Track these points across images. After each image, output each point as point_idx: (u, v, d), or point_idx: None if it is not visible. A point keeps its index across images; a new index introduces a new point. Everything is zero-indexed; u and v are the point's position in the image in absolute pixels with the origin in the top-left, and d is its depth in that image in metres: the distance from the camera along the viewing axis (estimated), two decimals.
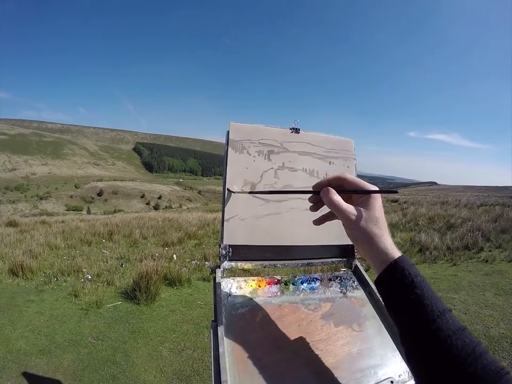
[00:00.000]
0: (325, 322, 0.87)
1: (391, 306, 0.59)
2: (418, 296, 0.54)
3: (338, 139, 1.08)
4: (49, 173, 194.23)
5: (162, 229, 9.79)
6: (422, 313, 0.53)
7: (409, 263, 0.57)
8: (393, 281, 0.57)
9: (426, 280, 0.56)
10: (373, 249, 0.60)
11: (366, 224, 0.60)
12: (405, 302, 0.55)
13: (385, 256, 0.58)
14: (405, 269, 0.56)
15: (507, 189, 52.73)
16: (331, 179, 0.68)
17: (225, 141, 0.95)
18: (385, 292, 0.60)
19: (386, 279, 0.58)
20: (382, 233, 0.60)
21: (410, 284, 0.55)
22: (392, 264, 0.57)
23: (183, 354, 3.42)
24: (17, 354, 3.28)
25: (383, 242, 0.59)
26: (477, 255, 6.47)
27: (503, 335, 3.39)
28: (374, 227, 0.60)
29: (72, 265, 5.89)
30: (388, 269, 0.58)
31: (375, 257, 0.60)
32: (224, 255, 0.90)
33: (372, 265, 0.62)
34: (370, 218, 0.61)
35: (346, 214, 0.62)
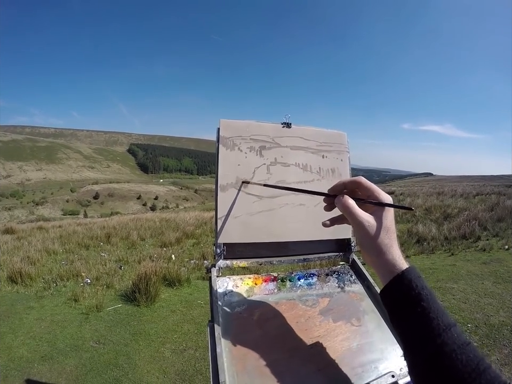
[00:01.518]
0: (324, 318, 0.86)
1: (396, 318, 0.58)
2: (424, 309, 0.53)
3: (331, 132, 1.07)
4: (44, 178, 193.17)
5: (159, 229, 9.77)
6: (428, 326, 0.52)
7: (417, 275, 0.57)
8: (400, 293, 0.56)
9: (434, 293, 0.56)
10: (381, 260, 0.59)
11: (377, 234, 0.60)
12: (410, 315, 0.54)
13: (392, 267, 0.58)
14: (412, 281, 0.56)
15: (502, 178, 53.02)
16: (347, 182, 0.68)
17: (216, 138, 0.94)
18: (390, 303, 0.59)
19: (392, 290, 0.58)
20: (391, 244, 0.60)
21: (417, 297, 0.54)
22: (399, 275, 0.57)
23: (185, 354, 3.41)
24: (19, 362, 3.26)
25: (391, 253, 0.59)
26: (474, 244, 6.51)
27: (503, 323, 3.41)
28: (385, 237, 0.60)
29: (71, 269, 5.86)
30: (394, 280, 0.57)
31: (383, 268, 0.60)
32: (219, 254, 0.90)
33: (378, 275, 0.62)
34: (382, 228, 0.61)
35: (360, 220, 0.62)
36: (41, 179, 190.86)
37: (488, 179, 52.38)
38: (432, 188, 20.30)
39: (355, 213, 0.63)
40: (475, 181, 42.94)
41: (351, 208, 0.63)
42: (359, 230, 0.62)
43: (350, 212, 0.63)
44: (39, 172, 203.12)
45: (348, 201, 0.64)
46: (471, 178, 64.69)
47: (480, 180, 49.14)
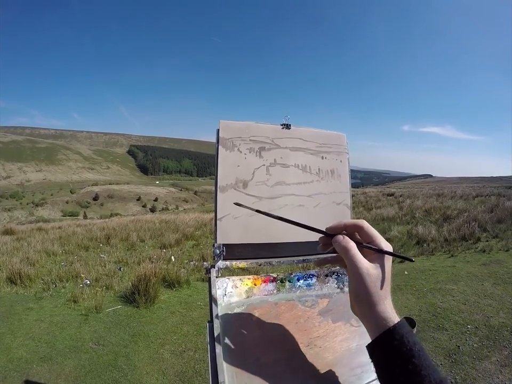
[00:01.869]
0: (323, 319, 0.87)
1: (384, 373, 0.55)
2: (415, 366, 0.51)
3: (330, 133, 1.07)
4: (44, 179, 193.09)
5: (159, 231, 9.77)
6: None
7: (409, 330, 0.55)
8: (390, 348, 0.53)
9: (424, 348, 0.53)
10: (372, 311, 0.56)
11: (374, 285, 0.57)
12: (401, 371, 0.52)
13: (383, 320, 0.55)
14: (404, 336, 0.53)
15: (502, 179, 53.09)
16: (348, 224, 0.64)
17: (215, 139, 0.94)
18: (379, 359, 0.56)
19: (382, 344, 0.55)
20: (386, 296, 0.57)
21: (409, 352, 0.52)
22: (390, 329, 0.54)
23: (184, 355, 3.41)
24: (18, 363, 3.25)
25: (384, 305, 0.56)
26: (474, 245, 6.50)
27: (503, 324, 3.41)
28: (379, 288, 0.57)
29: (70, 271, 5.86)
30: (385, 335, 0.54)
31: (373, 320, 0.57)
32: (218, 255, 0.90)
33: (366, 326, 0.59)
34: (380, 279, 0.58)
35: (359, 268, 0.58)
36: (41, 180, 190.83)
37: (488, 180, 52.44)
38: (432, 189, 20.32)
39: (355, 258, 0.59)
40: (475, 183, 42.99)
41: (352, 251, 0.59)
42: (356, 277, 0.58)
43: (350, 255, 0.59)
44: (39, 173, 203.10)
45: (350, 243, 0.60)
46: (471, 180, 64.74)
47: (479, 181, 49.20)
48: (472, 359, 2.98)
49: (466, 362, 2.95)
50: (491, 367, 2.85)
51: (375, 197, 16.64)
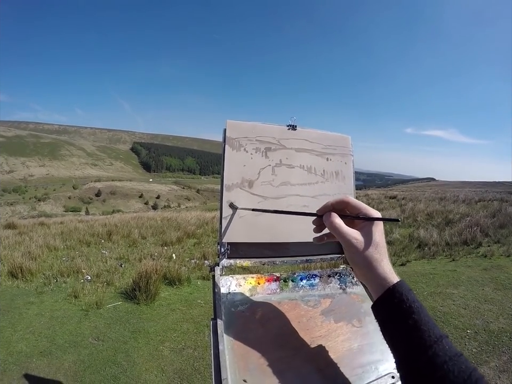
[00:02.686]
0: (325, 319, 0.87)
1: (388, 330, 0.59)
2: (415, 321, 0.54)
3: (335, 135, 1.08)
4: (47, 174, 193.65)
5: (161, 228, 9.77)
6: (419, 338, 0.53)
7: (408, 289, 0.58)
8: (391, 305, 0.57)
9: (423, 306, 0.57)
10: (372, 274, 0.60)
11: (366, 249, 0.61)
12: (402, 327, 0.55)
13: (383, 280, 0.59)
14: (403, 294, 0.56)
15: (504, 184, 52.89)
16: (334, 203, 0.68)
17: (222, 138, 0.95)
18: (382, 317, 0.60)
19: (384, 303, 0.58)
20: (381, 258, 0.61)
21: (409, 309, 0.55)
22: (390, 289, 0.57)
23: (183, 353, 3.42)
24: (18, 357, 3.27)
25: (382, 267, 0.60)
26: (475, 250, 6.49)
27: (502, 330, 3.41)
28: (374, 252, 0.61)
29: (72, 266, 5.87)
30: (386, 294, 0.58)
31: (373, 282, 0.61)
32: (223, 253, 0.90)
33: (369, 289, 0.63)
34: (370, 243, 0.62)
35: (347, 237, 0.63)
36: (44, 175, 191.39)
37: (491, 185, 52.26)
38: (434, 193, 20.27)
39: (342, 230, 0.63)
40: (477, 187, 42.85)
41: (338, 225, 0.64)
42: (347, 246, 0.63)
43: (337, 229, 0.64)
44: (42, 168, 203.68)
45: (335, 219, 0.65)
46: (473, 184, 64.53)
47: (482, 186, 49.04)
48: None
49: None
50: (490, 372, 2.85)
51: (377, 199, 16.61)
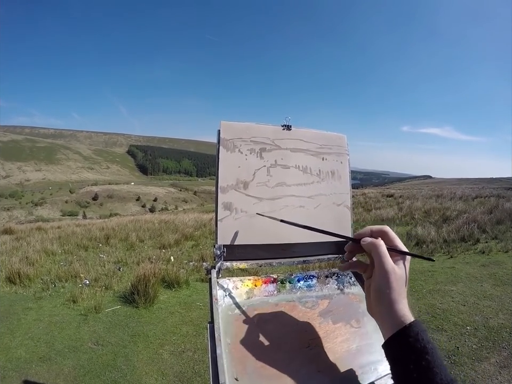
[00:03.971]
0: (323, 320, 0.87)
1: (399, 369, 0.57)
2: (429, 362, 0.53)
3: (330, 135, 1.07)
4: (43, 179, 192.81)
5: (158, 231, 9.75)
6: (431, 381, 0.52)
7: (423, 328, 0.57)
8: (405, 344, 0.56)
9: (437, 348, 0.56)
10: (392, 308, 0.60)
11: (397, 285, 0.60)
12: (414, 368, 0.54)
13: (401, 318, 0.58)
14: (419, 333, 0.56)
15: (501, 180, 53.19)
16: (374, 229, 0.68)
17: (216, 140, 0.94)
18: (394, 355, 0.59)
19: (398, 341, 0.57)
20: (404, 296, 0.61)
21: (423, 350, 0.54)
22: (407, 327, 0.57)
23: (183, 356, 3.41)
24: (17, 363, 3.25)
25: (402, 304, 0.60)
26: (473, 246, 6.51)
27: (502, 325, 3.41)
28: (401, 289, 0.61)
29: (70, 270, 5.85)
30: (401, 332, 0.57)
31: (390, 318, 0.60)
32: (219, 256, 0.90)
33: (382, 324, 0.62)
34: (402, 278, 0.62)
35: (388, 269, 0.61)
36: (41, 180, 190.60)
37: (487, 181, 52.55)
38: (431, 190, 20.32)
39: (386, 259, 0.62)
40: (474, 184, 43.06)
41: (382, 248, 0.63)
42: (382, 273, 0.62)
43: (381, 251, 0.63)
44: (38, 172, 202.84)
45: (380, 241, 0.64)
46: (470, 181, 64.84)
47: (479, 182, 49.30)
48: (471, 360, 2.98)
49: (466, 363, 2.95)
50: (490, 368, 2.85)
51: (374, 198, 16.64)
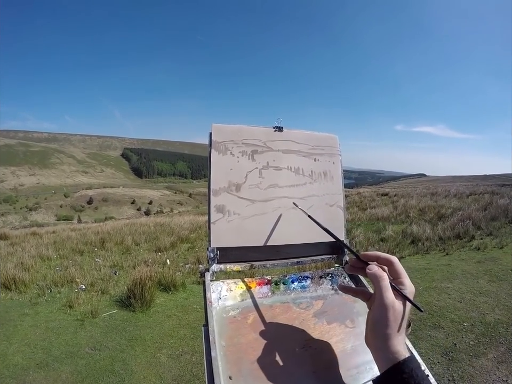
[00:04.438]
0: (318, 320, 0.87)
1: None
2: None
3: (322, 135, 1.08)
4: (37, 183, 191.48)
5: (154, 234, 9.74)
6: None
7: (418, 365, 0.57)
8: (400, 380, 0.54)
9: None
10: (387, 344, 0.58)
11: (393, 321, 0.59)
12: None
13: (395, 354, 0.57)
14: (414, 370, 0.55)
15: (494, 177, 53.61)
16: (382, 257, 0.67)
17: (208, 142, 0.94)
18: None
19: (391, 377, 0.56)
20: (401, 332, 0.59)
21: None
22: (401, 363, 0.56)
23: (181, 359, 3.40)
24: (14, 370, 3.23)
25: (397, 340, 0.58)
26: (468, 243, 6.57)
27: (498, 321, 3.44)
28: (398, 324, 0.59)
29: (65, 275, 5.83)
30: (397, 367, 0.56)
31: (385, 353, 0.58)
32: (212, 258, 0.90)
33: (377, 358, 0.61)
34: (400, 314, 0.60)
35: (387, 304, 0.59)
36: (35, 184, 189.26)
37: (481, 179, 52.94)
38: (425, 188, 20.45)
39: (386, 288, 0.61)
40: (468, 181, 43.38)
41: (386, 282, 0.62)
42: (381, 307, 0.60)
43: (383, 285, 0.61)
44: (32, 177, 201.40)
45: (384, 274, 0.63)
46: (464, 178, 65.30)
47: (473, 180, 49.66)
48: (469, 356, 3.00)
49: (463, 359, 2.97)
50: (488, 363, 2.88)
51: (369, 197, 16.71)
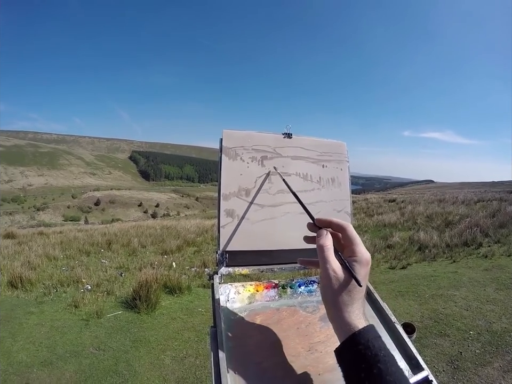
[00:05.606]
0: (324, 324, 0.88)
1: (350, 379, 0.54)
2: (380, 371, 0.50)
3: (330, 142, 1.09)
4: (45, 184, 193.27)
5: (160, 237, 9.77)
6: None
7: (376, 335, 0.55)
8: (355, 352, 0.53)
9: (393, 356, 0.53)
10: (338, 315, 0.57)
11: (339, 288, 0.57)
12: (366, 376, 0.51)
13: (348, 325, 0.55)
14: (370, 340, 0.53)
15: (503, 184, 53.03)
16: (334, 222, 0.65)
17: (218, 148, 0.96)
18: (345, 363, 0.56)
19: (347, 349, 0.55)
20: (352, 302, 0.57)
21: (374, 358, 0.51)
22: (355, 334, 0.54)
23: (185, 362, 3.41)
24: (18, 367, 3.26)
25: (348, 311, 0.56)
26: (476, 251, 6.50)
27: (505, 330, 3.40)
28: (346, 293, 0.57)
29: (71, 275, 5.87)
30: (350, 339, 0.54)
31: (338, 324, 0.58)
32: (221, 261, 0.91)
33: (335, 331, 0.60)
34: (347, 283, 0.57)
35: (327, 268, 0.58)
36: (43, 185, 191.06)
37: (489, 185, 52.37)
38: (433, 195, 20.29)
39: (327, 258, 0.59)
40: (476, 188, 42.92)
41: (326, 252, 0.60)
42: (323, 278, 0.59)
43: (324, 255, 0.60)
44: (40, 177, 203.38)
45: (327, 243, 0.61)
46: (472, 185, 64.64)
47: (481, 186, 49.14)
48: (474, 365, 2.97)
49: (469, 368, 2.94)
50: (494, 373, 2.85)
51: (376, 203, 16.63)
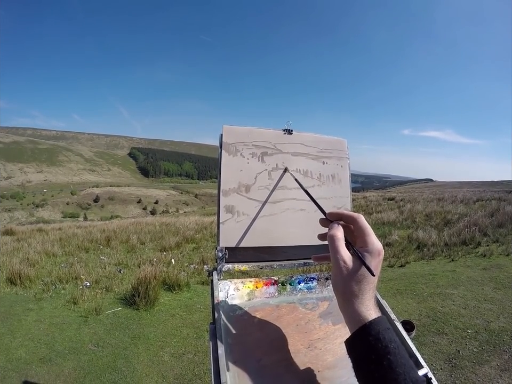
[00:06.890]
0: (323, 321, 0.88)
1: (360, 370, 0.54)
2: (390, 362, 0.50)
3: (331, 139, 1.09)
4: (44, 180, 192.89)
5: (159, 233, 9.76)
6: (393, 380, 0.50)
7: (386, 327, 0.55)
8: (366, 344, 0.53)
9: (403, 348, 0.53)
10: (349, 306, 0.57)
11: (350, 278, 0.57)
12: (376, 368, 0.51)
13: (358, 316, 0.56)
14: (380, 332, 0.53)
15: (502, 183, 53.14)
16: (346, 214, 0.65)
17: (218, 143, 0.95)
18: (355, 354, 0.56)
19: (358, 340, 0.55)
20: (362, 292, 0.57)
21: (384, 349, 0.52)
22: (366, 325, 0.54)
23: (184, 358, 3.41)
24: (17, 363, 3.26)
25: (359, 302, 0.56)
26: (474, 250, 6.50)
27: (503, 329, 3.41)
28: (355, 284, 0.57)
29: (70, 272, 5.86)
30: (360, 330, 0.55)
31: (350, 315, 0.58)
32: (220, 258, 0.91)
33: (346, 322, 0.60)
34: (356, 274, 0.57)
35: (337, 258, 0.59)
36: (42, 181, 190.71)
37: (489, 185, 52.44)
38: (432, 193, 20.30)
39: (337, 248, 0.60)
40: (475, 187, 42.98)
41: (337, 242, 0.60)
42: (334, 268, 0.60)
43: (334, 245, 0.60)
44: (39, 174, 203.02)
45: (338, 233, 0.61)
46: (471, 184, 64.73)
47: (480, 186, 49.21)
48: (472, 364, 2.98)
49: (466, 366, 2.95)
50: (491, 371, 2.85)
51: (375, 201, 16.62)
